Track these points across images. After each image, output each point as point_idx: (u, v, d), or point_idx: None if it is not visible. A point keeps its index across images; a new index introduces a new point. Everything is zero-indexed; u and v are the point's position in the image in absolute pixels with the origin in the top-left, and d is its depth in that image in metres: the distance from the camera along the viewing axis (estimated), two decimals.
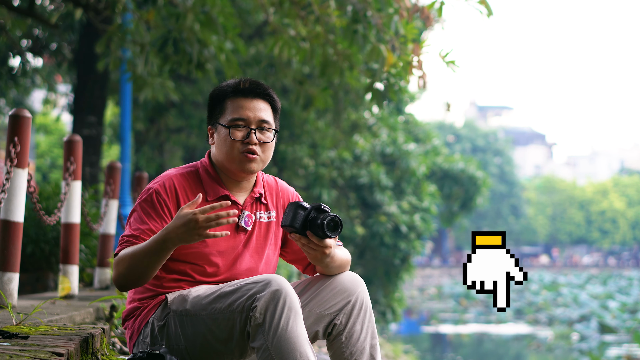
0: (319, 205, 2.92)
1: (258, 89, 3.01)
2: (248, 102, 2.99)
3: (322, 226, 2.87)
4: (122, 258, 2.83)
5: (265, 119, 2.99)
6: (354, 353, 2.95)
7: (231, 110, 2.98)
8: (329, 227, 2.88)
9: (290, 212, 2.91)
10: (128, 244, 2.86)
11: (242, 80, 3.03)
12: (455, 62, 6.60)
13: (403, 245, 18.45)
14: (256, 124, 2.98)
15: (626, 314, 25.86)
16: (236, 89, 3.00)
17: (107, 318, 4.77)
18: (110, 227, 6.32)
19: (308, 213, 2.90)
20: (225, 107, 3.00)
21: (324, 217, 2.88)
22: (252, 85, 3.01)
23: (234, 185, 3.03)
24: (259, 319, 2.73)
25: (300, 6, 7.58)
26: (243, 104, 2.98)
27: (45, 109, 21.45)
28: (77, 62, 11.52)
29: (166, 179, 2.97)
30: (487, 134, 67.31)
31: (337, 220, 2.89)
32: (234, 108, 2.98)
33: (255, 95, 3.00)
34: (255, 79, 3.04)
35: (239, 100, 2.99)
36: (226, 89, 3.01)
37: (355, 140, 18.31)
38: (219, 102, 3.02)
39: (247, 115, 2.97)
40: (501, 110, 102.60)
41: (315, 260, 2.95)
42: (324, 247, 2.90)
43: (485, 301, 34.89)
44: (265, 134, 2.99)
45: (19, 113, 4.22)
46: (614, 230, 73.44)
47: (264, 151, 2.99)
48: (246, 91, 3.00)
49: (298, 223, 2.90)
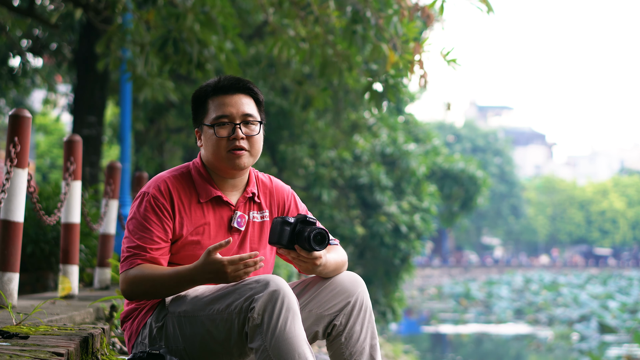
0: (304, 217, 2.91)
1: (238, 84, 3.00)
2: (229, 98, 2.98)
3: (308, 240, 2.86)
4: (138, 279, 2.85)
5: (248, 112, 2.98)
6: (353, 353, 2.95)
7: (214, 109, 2.97)
8: (316, 240, 2.87)
9: (276, 228, 2.91)
10: (137, 258, 2.87)
11: (221, 78, 3.01)
12: (456, 61, 6.60)
13: (403, 245, 18.45)
14: (240, 118, 2.97)
15: (626, 314, 25.87)
16: (216, 87, 2.99)
17: (107, 318, 4.77)
18: (110, 227, 6.32)
19: (294, 227, 2.90)
20: (208, 107, 2.99)
21: (311, 231, 2.87)
22: (232, 81, 3.00)
23: (226, 185, 3.03)
24: (257, 320, 2.72)
25: (300, 6, 7.58)
26: (225, 101, 2.97)
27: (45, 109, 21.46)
28: (77, 62, 11.52)
29: (160, 182, 2.97)
30: (487, 134, 67.29)
31: (324, 233, 2.88)
32: (216, 106, 2.97)
33: (235, 90, 2.99)
34: (234, 76, 3.03)
35: (220, 97, 2.98)
36: (206, 89, 3.01)
37: (355, 140, 18.31)
38: (201, 103, 3.01)
39: (229, 111, 2.96)
40: (501, 110, 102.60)
41: (307, 271, 2.96)
42: (313, 259, 2.90)
43: (485, 301, 34.89)
44: (250, 127, 2.98)
45: (19, 113, 4.22)
46: (614, 230, 73.42)
47: (252, 145, 2.98)
48: (226, 87, 2.99)
49: (285, 240, 2.89)
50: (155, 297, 2.88)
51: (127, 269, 2.88)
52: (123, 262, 2.90)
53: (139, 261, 2.87)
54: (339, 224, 17.94)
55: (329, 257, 2.97)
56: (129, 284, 2.86)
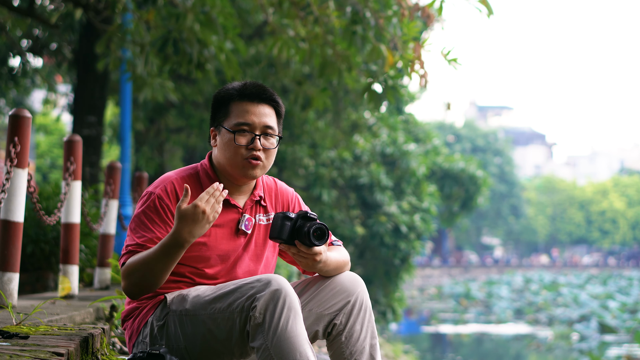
0: (305, 213, 2.91)
1: (264, 94, 2.97)
2: (253, 106, 2.96)
3: (308, 235, 2.87)
4: (131, 267, 2.82)
5: (270, 124, 2.96)
6: (353, 353, 2.95)
7: (236, 114, 2.95)
8: (315, 235, 2.88)
9: (276, 224, 2.91)
10: (134, 254, 2.85)
11: (247, 83, 2.98)
12: (457, 60, 6.60)
13: (403, 245, 18.45)
14: (261, 129, 2.95)
15: (626, 314, 25.87)
16: (242, 93, 2.97)
17: (107, 318, 4.77)
18: (110, 227, 6.32)
19: (295, 222, 2.90)
20: (230, 111, 2.97)
21: (310, 226, 2.87)
22: (258, 89, 2.98)
23: (234, 188, 3.02)
24: (259, 319, 2.72)
25: (300, 7, 7.58)
26: (248, 109, 2.95)
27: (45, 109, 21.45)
28: (77, 62, 11.51)
29: (167, 183, 2.95)
30: (487, 134, 67.26)
31: (324, 229, 2.89)
32: (239, 112, 2.95)
33: (260, 100, 2.97)
34: (260, 83, 3.01)
35: (244, 104, 2.96)
36: (231, 92, 2.98)
37: (355, 140, 18.31)
38: (224, 105, 2.99)
39: (252, 120, 2.94)
40: (501, 110, 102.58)
41: (307, 267, 2.95)
42: (313, 254, 2.90)
43: (485, 301, 34.89)
44: (269, 140, 2.97)
45: (19, 113, 4.22)
46: (614, 230, 73.41)
47: (267, 157, 2.97)
48: (252, 95, 2.96)
49: (285, 234, 2.90)
50: (151, 279, 2.80)
51: (122, 264, 2.87)
52: (122, 260, 2.89)
53: (133, 255, 2.86)
54: (339, 224, 17.95)
55: (330, 255, 2.97)
56: (126, 278, 2.84)
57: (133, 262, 2.82)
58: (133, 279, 2.82)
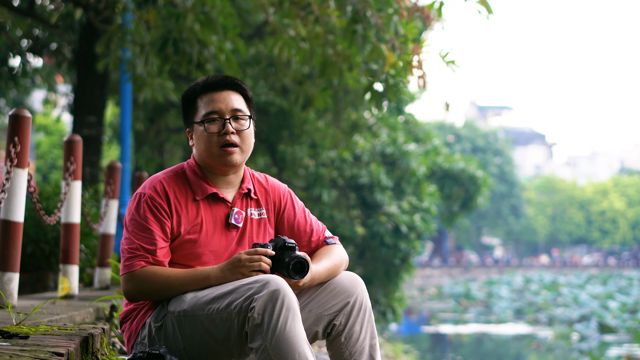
0: (284, 241, 2.90)
1: (225, 81, 3.03)
2: (218, 94, 3.01)
3: (287, 268, 2.86)
4: (148, 277, 2.87)
5: (237, 107, 3.01)
6: (353, 353, 2.95)
7: (203, 106, 3.00)
8: (295, 269, 2.87)
9: None
10: (141, 259, 2.88)
11: (209, 76, 3.05)
12: (455, 62, 6.60)
13: (403, 245, 18.44)
14: (230, 113, 2.99)
15: (626, 314, 25.86)
16: (205, 85, 3.03)
17: (107, 318, 4.77)
18: (110, 227, 6.32)
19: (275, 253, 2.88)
20: (198, 105, 3.02)
21: (290, 260, 2.86)
22: (219, 78, 3.04)
23: (221, 182, 3.04)
24: (258, 320, 2.73)
25: (300, 6, 7.57)
26: (214, 97, 3.00)
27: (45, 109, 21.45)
28: (77, 62, 11.51)
29: (156, 183, 2.98)
30: (487, 134, 67.25)
31: (303, 262, 2.88)
32: (206, 103, 3.00)
33: (223, 87, 3.02)
34: (222, 74, 3.07)
35: (209, 95, 3.01)
36: (195, 88, 3.04)
37: (355, 140, 18.30)
38: (191, 102, 3.04)
39: (219, 107, 2.99)
40: (501, 110, 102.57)
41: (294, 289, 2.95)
42: (294, 283, 2.90)
43: (485, 301, 34.89)
44: (240, 122, 3.01)
45: (19, 113, 4.22)
46: (614, 230, 73.41)
47: (243, 140, 3.00)
48: (214, 85, 3.02)
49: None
50: (164, 295, 2.90)
51: (131, 270, 2.88)
52: (126, 263, 2.89)
53: (143, 263, 2.88)
54: (339, 224, 17.94)
55: (319, 268, 2.97)
56: (136, 285, 2.86)
57: (152, 273, 2.86)
58: (144, 287, 2.87)
